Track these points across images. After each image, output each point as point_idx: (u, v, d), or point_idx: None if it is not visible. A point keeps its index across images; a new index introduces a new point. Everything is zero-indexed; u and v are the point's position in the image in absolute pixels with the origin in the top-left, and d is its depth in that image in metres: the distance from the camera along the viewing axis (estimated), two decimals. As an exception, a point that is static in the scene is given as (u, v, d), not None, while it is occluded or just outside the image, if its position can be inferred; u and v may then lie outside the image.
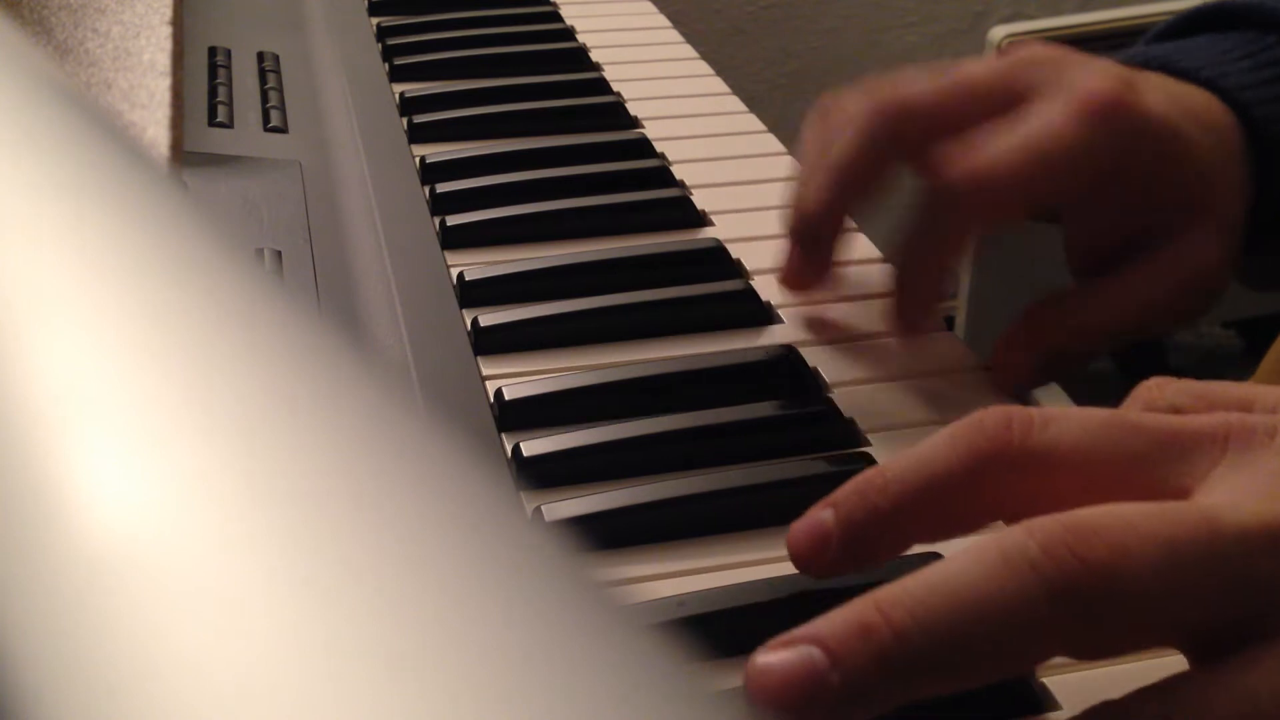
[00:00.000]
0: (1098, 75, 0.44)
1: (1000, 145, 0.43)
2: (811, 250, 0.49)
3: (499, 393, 0.45)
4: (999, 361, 0.46)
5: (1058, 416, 0.31)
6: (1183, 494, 0.30)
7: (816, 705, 0.27)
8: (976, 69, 0.47)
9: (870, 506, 0.31)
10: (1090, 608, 0.27)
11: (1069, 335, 0.46)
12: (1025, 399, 0.46)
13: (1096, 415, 0.32)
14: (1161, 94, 0.45)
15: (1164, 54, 0.49)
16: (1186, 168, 0.45)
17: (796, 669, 0.27)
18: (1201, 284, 0.45)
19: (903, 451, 0.32)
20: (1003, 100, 0.45)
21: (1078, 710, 0.32)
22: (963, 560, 0.28)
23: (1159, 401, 0.33)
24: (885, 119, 0.46)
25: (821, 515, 0.32)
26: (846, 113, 0.47)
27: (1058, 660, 0.33)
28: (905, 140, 0.46)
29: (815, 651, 0.27)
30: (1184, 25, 0.52)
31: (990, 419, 0.31)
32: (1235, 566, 0.27)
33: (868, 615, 0.27)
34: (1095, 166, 0.44)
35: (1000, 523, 0.32)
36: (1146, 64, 0.49)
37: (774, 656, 0.28)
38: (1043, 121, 0.43)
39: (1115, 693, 0.29)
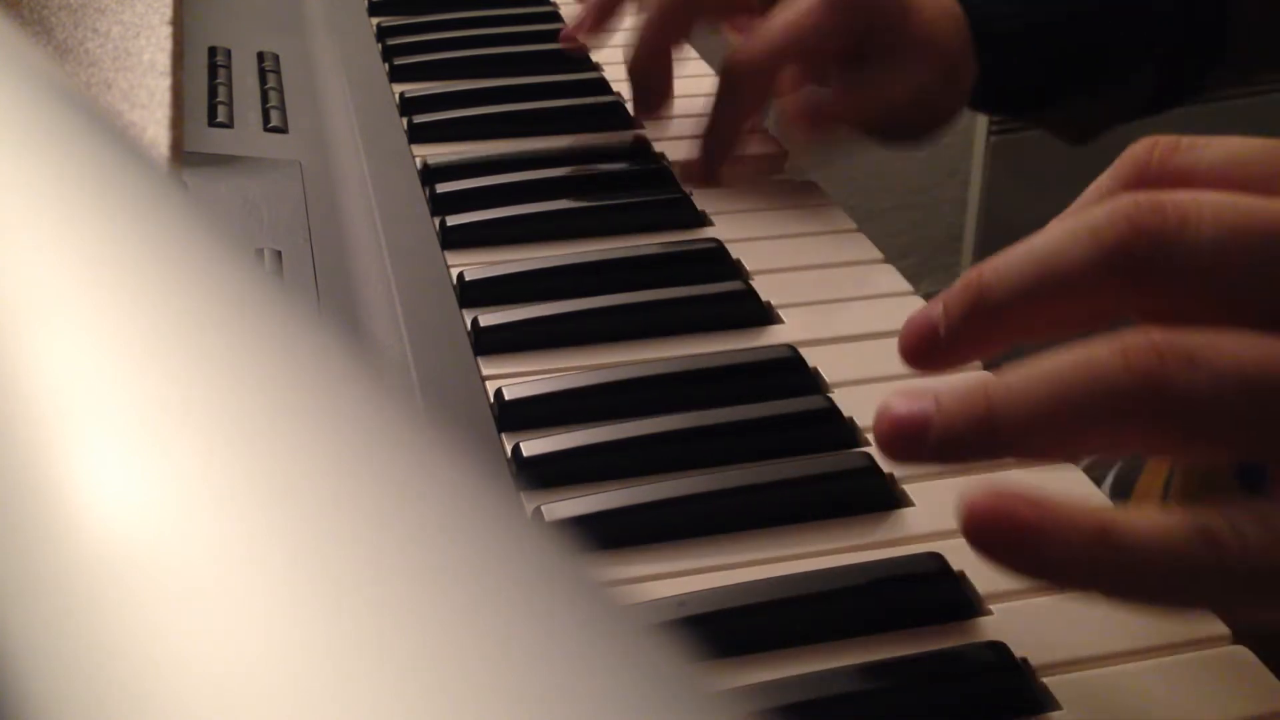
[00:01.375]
0: None
1: (758, 36, 0.57)
2: (644, 93, 0.62)
3: (499, 393, 0.45)
4: (784, 109, 0.59)
5: (1214, 140, 0.32)
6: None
7: (934, 349, 0.33)
8: None
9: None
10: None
11: (834, 106, 0.59)
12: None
13: (1249, 140, 0.32)
14: None
15: None
16: (911, 21, 0.58)
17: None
18: (913, 97, 0.59)
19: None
20: None
21: (1078, 710, 0.32)
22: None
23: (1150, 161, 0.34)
24: None
25: (932, 312, 0.33)
26: None
27: (1059, 660, 0.33)
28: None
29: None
30: None
31: (1152, 148, 0.33)
32: None
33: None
34: (836, 36, 0.57)
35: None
36: None
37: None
38: (794, 11, 0.57)
39: (1115, 693, 0.29)
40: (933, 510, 0.40)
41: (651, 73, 0.62)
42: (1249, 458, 0.30)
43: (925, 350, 0.33)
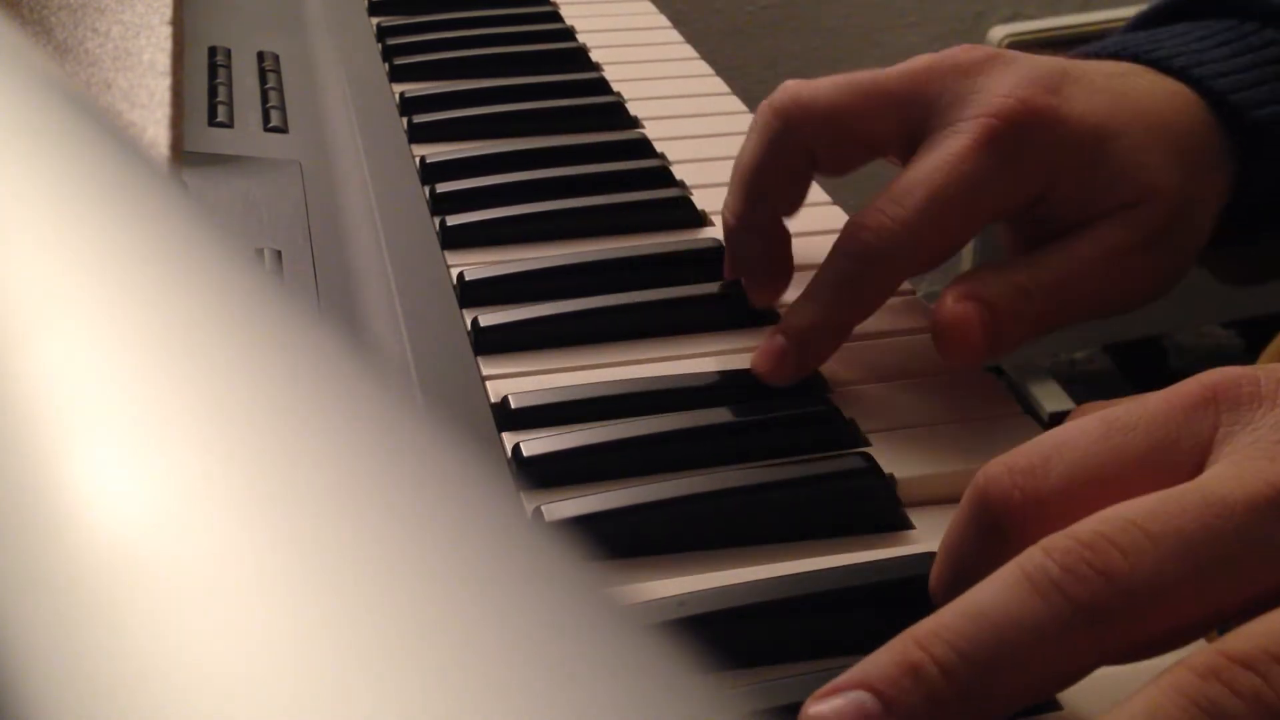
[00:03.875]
0: (1007, 87, 0.43)
1: (894, 199, 0.43)
2: (745, 261, 0.49)
3: (499, 392, 0.45)
4: (943, 320, 0.43)
5: (1054, 452, 0.31)
6: (1197, 466, 0.30)
7: None
8: (887, 74, 0.46)
9: (924, 681, 0.29)
10: (1121, 617, 0.27)
11: (999, 293, 0.43)
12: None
13: (1090, 431, 0.31)
14: (1097, 94, 0.44)
15: (1138, 43, 0.49)
16: (1105, 168, 0.44)
17: (853, 717, 0.27)
18: (1114, 270, 0.44)
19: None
20: (913, 112, 0.45)
21: (1078, 710, 0.32)
22: (991, 588, 0.28)
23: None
24: (783, 121, 0.46)
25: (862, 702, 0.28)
26: (763, 117, 0.47)
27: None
28: (806, 142, 0.46)
29: (867, 697, 0.27)
30: (1163, 12, 0.52)
31: (990, 488, 0.31)
32: (1251, 539, 0.28)
33: (911, 654, 0.28)
34: (1001, 193, 0.43)
35: None
36: (1119, 54, 0.48)
37: (825, 706, 0.28)
38: (939, 159, 0.42)
39: (1117, 692, 0.29)
40: (933, 514, 0.40)
41: (748, 246, 0.49)
42: None
43: None
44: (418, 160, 0.62)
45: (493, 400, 0.45)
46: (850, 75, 0.46)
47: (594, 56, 0.75)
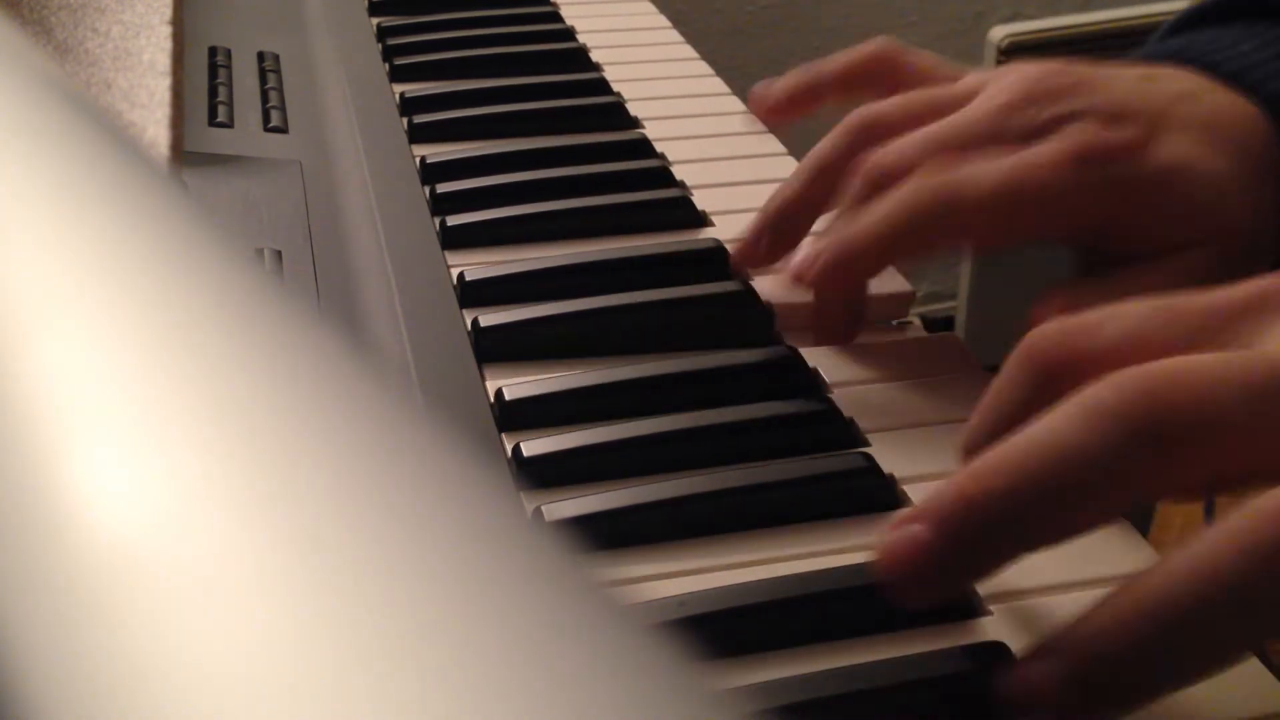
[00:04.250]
0: (1109, 117, 0.43)
1: (976, 171, 0.43)
2: (774, 235, 0.50)
3: (499, 393, 0.45)
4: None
5: (1106, 317, 0.32)
6: (1248, 347, 0.31)
7: (931, 575, 0.30)
8: (978, 113, 0.45)
9: (972, 510, 0.30)
10: (1173, 447, 0.28)
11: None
12: None
13: (1143, 306, 0.32)
14: (1189, 135, 0.44)
15: (1199, 52, 0.48)
16: (1182, 207, 0.44)
17: (909, 545, 0.29)
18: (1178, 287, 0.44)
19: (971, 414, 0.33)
20: (1001, 145, 0.44)
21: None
22: (1050, 421, 0.29)
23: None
24: (862, 123, 0.47)
25: (917, 534, 0.30)
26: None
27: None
28: (878, 140, 0.46)
29: (919, 528, 0.29)
30: (1210, 13, 0.51)
31: (1041, 340, 0.32)
32: None
33: (966, 487, 0.29)
34: (1074, 209, 0.43)
35: None
36: (1179, 57, 0.48)
37: (890, 536, 0.30)
38: (1028, 157, 0.43)
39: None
40: (933, 510, 0.40)
41: (786, 225, 0.49)
42: None
43: (916, 580, 0.30)
44: (418, 160, 0.62)
45: (490, 398, 0.45)
46: (934, 128, 0.46)
47: (594, 57, 0.75)
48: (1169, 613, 0.27)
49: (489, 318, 0.49)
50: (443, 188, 0.58)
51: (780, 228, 0.50)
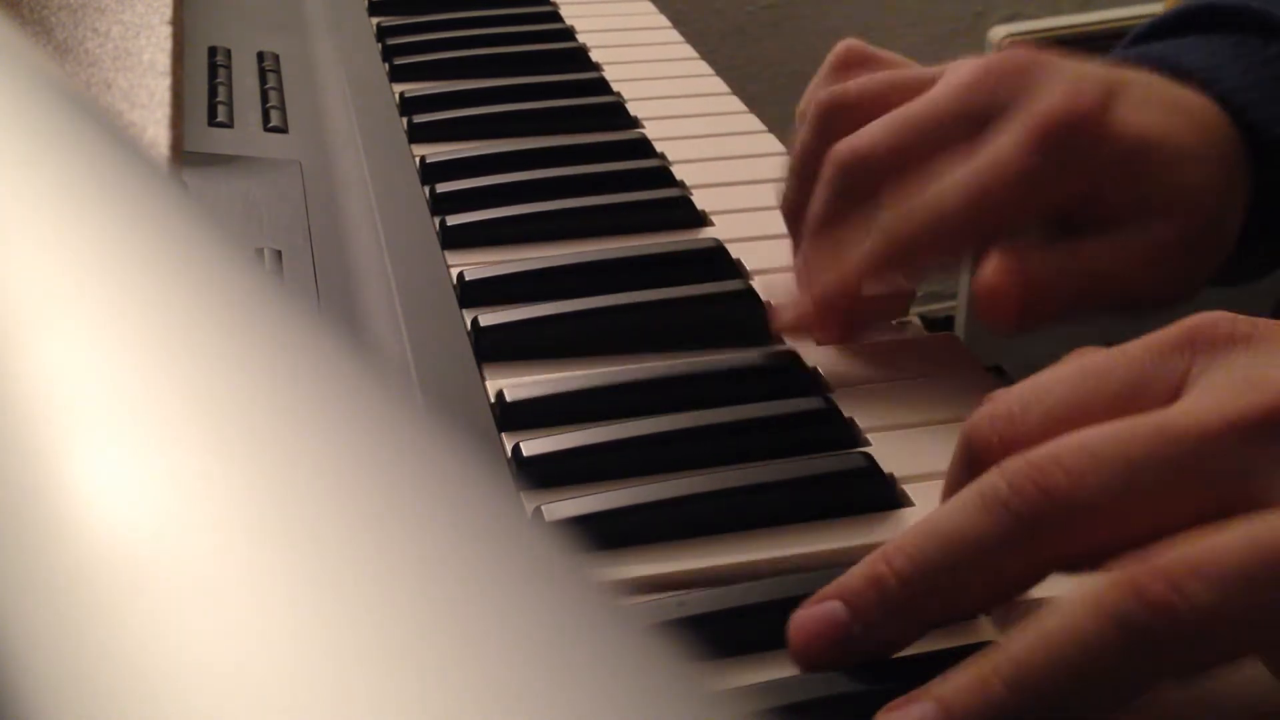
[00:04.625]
0: (1065, 90, 0.44)
1: (944, 189, 0.44)
2: (833, 314, 0.48)
3: (499, 393, 0.45)
4: (983, 287, 0.44)
5: (1034, 397, 0.33)
6: (1170, 401, 0.32)
7: (845, 650, 0.32)
8: (935, 100, 0.46)
9: (881, 589, 0.32)
10: (1056, 531, 0.30)
11: (1039, 269, 0.44)
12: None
13: (1068, 376, 0.33)
14: (1145, 105, 0.45)
15: (1162, 55, 0.50)
16: (1149, 174, 0.45)
17: (826, 622, 0.32)
18: (1151, 265, 0.45)
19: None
20: (967, 126, 0.45)
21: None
22: (949, 507, 0.32)
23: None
24: (849, 176, 0.46)
25: (833, 610, 0.32)
26: (823, 171, 0.47)
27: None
28: (873, 187, 0.46)
29: (838, 606, 0.32)
30: (1173, 23, 0.52)
31: (973, 435, 0.34)
32: (1198, 466, 0.30)
33: (876, 568, 0.32)
34: (1045, 193, 0.44)
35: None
36: (1139, 63, 0.49)
37: (805, 614, 0.32)
38: (990, 156, 0.43)
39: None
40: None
41: (841, 306, 0.47)
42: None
43: (830, 648, 0.32)
44: (418, 160, 0.62)
45: (490, 398, 0.45)
46: (899, 111, 0.46)
47: (594, 56, 0.75)
48: (1029, 681, 0.28)
49: (489, 317, 0.49)
50: (443, 187, 0.58)
51: (791, 228, 0.50)
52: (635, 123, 0.67)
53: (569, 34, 0.78)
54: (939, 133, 0.45)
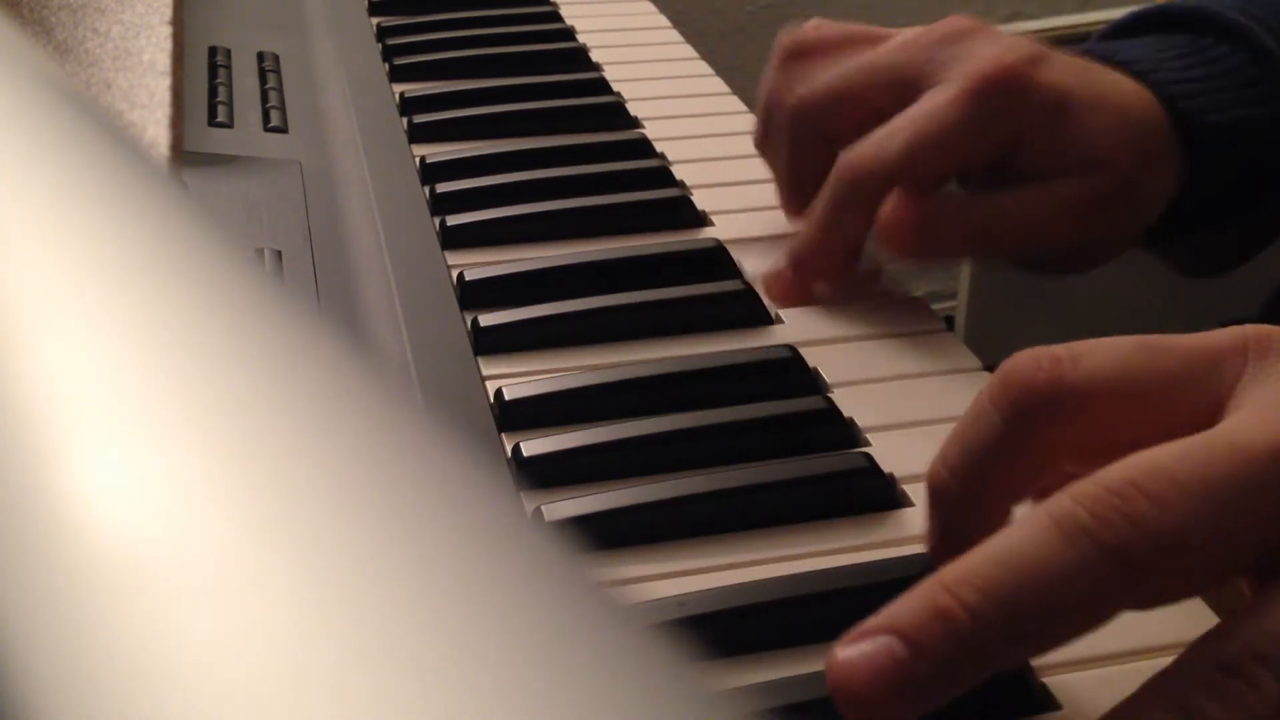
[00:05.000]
0: (997, 52, 0.48)
1: (885, 134, 0.48)
2: (802, 274, 0.52)
3: (499, 393, 0.45)
4: (883, 214, 0.49)
5: (1087, 350, 0.32)
6: (1216, 407, 0.31)
7: (905, 694, 0.28)
8: (886, 49, 0.51)
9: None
10: (1147, 562, 0.28)
11: (942, 201, 0.49)
12: None
13: (1125, 343, 0.32)
14: (1068, 71, 0.49)
15: (1109, 50, 0.53)
16: (1070, 132, 0.48)
17: (882, 662, 0.28)
18: (1062, 220, 0.49)
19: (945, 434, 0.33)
20: (911, 78, 0.50)
21: (1078, 710, 0.32)
22: (1020, 533, 0.28)
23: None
24: (805, 121, 0.52)
25: (895, 650, 0.28)
26: (782, 120, 0.53)
27: (1058, 659, 0.33)
28: (829, 131, 0.52)
29: (896, 642, 0.28)
30: (1133, 25, 0.56)
31: (1016, 368, 0.32)
32: (1272, 486, 0.28)
33: (941, 599, 0.28)
34: (977, 143, 0.48)
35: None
36: (1088, 55, 0.53)
37: (855, 651, 0.28)
38: (927, 107, 0.48)
39: (1115, 693, 0.29)
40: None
41: (813, 264, 0.51)
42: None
43: (890, 689, 0.28)
44: (418, 160, 0.62)
45: (490, 397, 0.45)
46: (849, 62, 0.52)
47: (594, 56, 0.75)
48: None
49: (489, 317, 0.49)
50: (442, 187, 0.58)
51: (768, 160, 0.55)
52: (635, 123, 0.67)
53: (569, 34, 0.78)
54: (883, 81, 0.50)
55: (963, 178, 0.52)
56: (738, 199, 0.59)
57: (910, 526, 0.40)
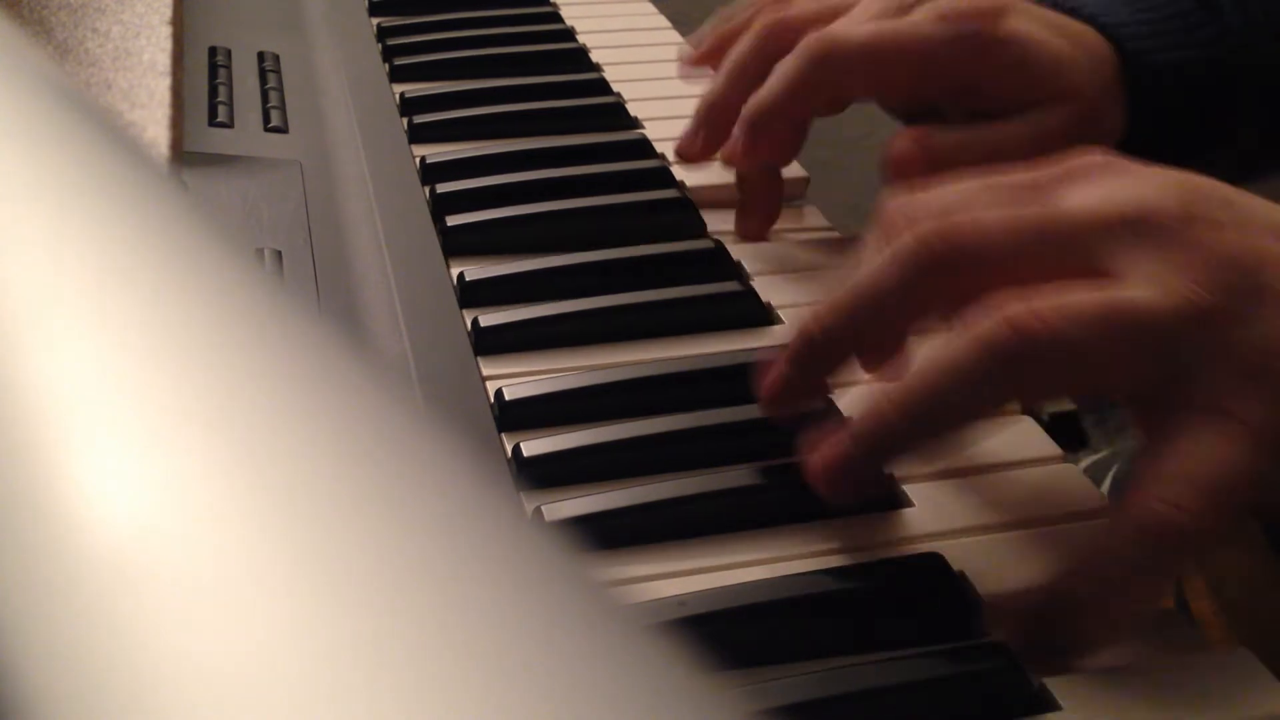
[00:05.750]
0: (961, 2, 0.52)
1: (849, 25, 0.52)
2: (709, 130, 0.56)
3: (499, 393, 0.45)
4: (891, 152, 0.52)
5: (982, 218, 0.36)
6: (1104, 276, 0.35)
7: (786, 390, 0.40)
8: None
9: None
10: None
11: (941, 141, 0.52)
12: None
13: (972, 181, 0.38)
14: (1031, 19, 0.53)
15: (1069, 1, 0.57)
16: (1037, 75, 0.52)
17: (775, 369, 0.40)
18: (1038, 149, 0.51)
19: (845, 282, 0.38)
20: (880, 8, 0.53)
21: (1078, 710, 0.32)
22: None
23: None
24: (772, 37, 0.55)
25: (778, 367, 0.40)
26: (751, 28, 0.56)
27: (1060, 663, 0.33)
28: (787, 36, 0.54)
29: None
30: None
31: (916, 232, 0.36)
32: (1076, 242, 0.35)
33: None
34: (939, 67, 0.51)
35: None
36: (1044, 4, 0.56)
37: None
38: (909, 20, 0.52)
39: (1116, 693, 0.29)
40: (933, 510, 0.40)
41: (720, 122, 0.56)
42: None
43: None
44: (418, 160, 0.62)
45: (489, 397, 0.45)
46: None
47: (594, 57, 0.75)
48: (911, 401, 0.35)
49: (489, 317, 0.49)
50: (443, 188, 0.58)
51: (713, 123, 0.56)
52: (635, 123, 0.67)
53: (569, 34, 0.78)
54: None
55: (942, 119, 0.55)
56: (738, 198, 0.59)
57: (910, 526, 0.40)
